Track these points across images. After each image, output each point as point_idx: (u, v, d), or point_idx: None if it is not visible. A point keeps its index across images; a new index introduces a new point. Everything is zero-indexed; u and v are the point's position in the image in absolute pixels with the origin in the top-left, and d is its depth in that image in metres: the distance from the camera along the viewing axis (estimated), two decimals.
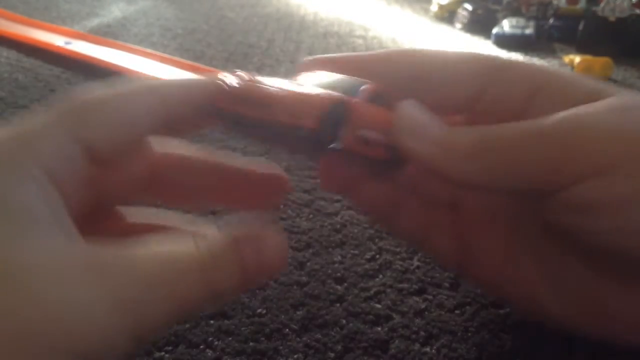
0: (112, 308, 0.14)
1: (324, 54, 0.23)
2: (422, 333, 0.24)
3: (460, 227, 0.23)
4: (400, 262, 0.29)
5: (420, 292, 0.27)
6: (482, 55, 0.21)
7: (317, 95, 0.17)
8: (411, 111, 0.19)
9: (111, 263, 0.14)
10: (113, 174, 0.18)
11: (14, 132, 0.16)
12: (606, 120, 0.17)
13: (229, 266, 0.17)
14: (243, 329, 0.24)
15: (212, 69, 0.57)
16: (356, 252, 0.30)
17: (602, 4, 0.70)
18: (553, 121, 0.17)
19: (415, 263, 0.29)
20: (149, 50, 0.62)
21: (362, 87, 0.19)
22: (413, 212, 0.23)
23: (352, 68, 0.22)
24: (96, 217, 0.19)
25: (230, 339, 0.24)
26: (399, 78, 0.21)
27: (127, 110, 0.17)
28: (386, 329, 0.24)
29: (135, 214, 0.22)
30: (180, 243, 0.16)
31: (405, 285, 0.27)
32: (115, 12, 0.88)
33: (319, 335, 0.24)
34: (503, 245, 0.22)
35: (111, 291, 0.14)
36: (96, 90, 0.17)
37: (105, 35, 0.71)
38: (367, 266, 0.29)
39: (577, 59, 0.63)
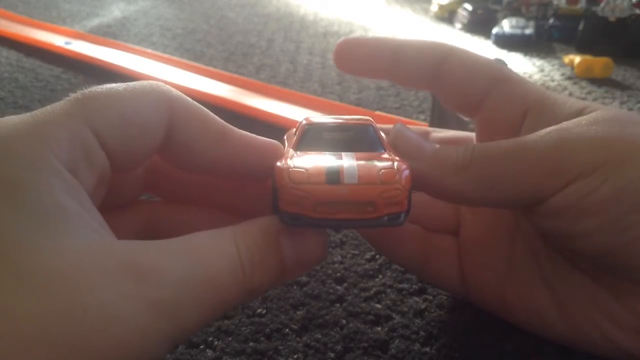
0: (152, 312, 0.13)
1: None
2: (422, 333, 0.24)
3: (461, 250, 0.24)
4: None
5: (420, 292, 0.27)
6: (492, 62, 0.22)
7: (402, 178, 0.17)
8: (403, 132, 0.20)
9: (147, 264, 0.14)
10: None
11: (30, 123, 0.15)
12: (584, 131, 0.18)
13: (268, 262, 0.16)
14: (243, 329, 0.24)
15: (212, 69, 0.57)
16: (356, 252, 0.30)
17: (602, 4, 0.70)
18: (535, 137, 0.19)
19: None
20: (149, 50, 0.62)
21: (377, 134, 0.20)
22: (414, 239, 0.24)
23: (383, 54, 0.23)
24: (114, 212, 0.19)
25: (230, 339, 0.24)
26: (421, 71, 0.22)
27: (143, 110, 0.17)
28: (386, 329, 0.24)
29: (161, 210, 0.21)
30: (218, 241, 0.16)
31: (405, 285, 0.27)
32: (115, 12, 0.88)
33: (319, 335, 0.24)
34: (505, 264, 0.23)
35: (149, 294, 0.13)
36: (108, 85, 0.17)
37: (105, 35, 0.71)
38: (367, 266, 0.29)
39: (577, 59, 0.63)
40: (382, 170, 0.17)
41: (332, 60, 0.23)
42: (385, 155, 0.18)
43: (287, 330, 0.24)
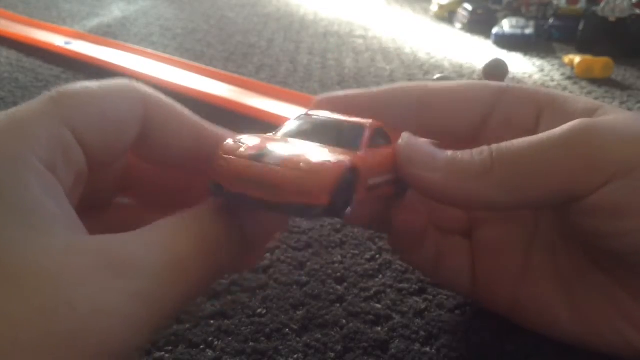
0: (135, 303, 0.14)
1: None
2: (422, 333, 0.24)
3: (474, 252, 0.24)
4: (400, 262, 0.29)
5: (420, 292, 0.27)
6: (485, 82, 0.22)
7: (324, 169, 0.15)
8: (413, 142, 0.19)
9: (124, 257, 0.14)
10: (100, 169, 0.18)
11: (6, 122, 0.15)
12: (618, 126, 0.17)
13: (233, 238, 0.17)
14: (243, 329, 0.24)
15: (212, 69, 0.57)
16: (356, 252, 0.30)
17: (602, 4, 0.70)
18: (561, 132, 0.18)
19: None
20: (149, 50, 0.62)
21: (363, 133, 0.18)
22: (434, 241, 0.23)
23: (361, 105, 0.22)
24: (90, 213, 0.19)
25: (230, 339, 0.24)
26: (405, 112, 0.22)
27: (118, 106, 0.17)
28: (386, 329, 0.24)
29: (136, 212, 0.21)
30: (187, 223, 0.16)
31: (405, 285, 0.27)
32: (115, 12, 0.88)
33: (319, 335, 0.24)
34: (520, 265, 0.22)
35: (129, 286, 0.14)
36: (82, 83, 0.17)
37: (105, 35, 0.71)
38: (367, 266, 0.29)
39: (577, 59, 0.63)
40: (314, 160, 0.16)
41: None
42: (353, 152, 0.17)
43: (287, 330, 0.24)
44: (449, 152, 0.19)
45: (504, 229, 0.23)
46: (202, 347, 0.23)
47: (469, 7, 0.86)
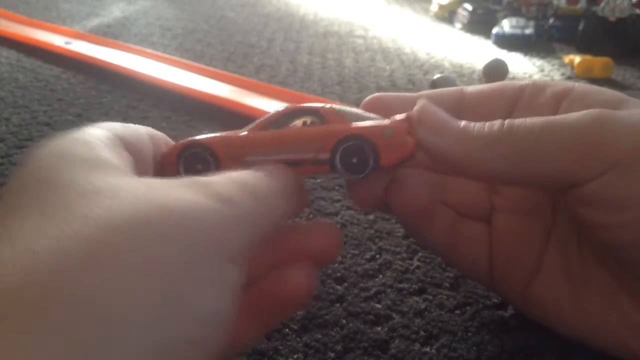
0: (225, 209, 0.15)
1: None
2: (422, 333, 0.24)
3: (492, 239, 0.23)
4: (400, 262, 0.29)
5: (420, 292, 0.27)
6: (511, 81, 0.22)
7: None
8: (428, 107, 0.20)
9: (195, 181, 0.15)
10: None
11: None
12: (629, 117, 0.17)
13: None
14: None
15: (212, 69, 0.57)
16: (356, 252, 0.30)
17: (602, 4, 0.70)
18: (574, 116, 0.18)
19: (415, 263, 0.29)
20: (149, 50, 0.62)
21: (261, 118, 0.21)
22: (446, 222, 0.23)
23: (402, 108, 0.22)
24: None
25: None
26: (452, 107, 0.22)
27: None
28: (386, 329, 0.24)
29: None
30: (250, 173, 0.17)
31: (405, 285, 0.27)
32: (115, 12, 0.88)
33: (319, 335, 0.24)
34: (536, 257, 0.22)
35: (215, 194, 0.15)
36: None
37: (105, 35, 0.71)
38: (367, 266, 0.29)
39: (577, 59, 0.63)
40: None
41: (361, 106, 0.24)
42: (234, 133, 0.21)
43: (287, 330, 0.24)
44: (463, 122, 0.20)
45: (523, 221, 0.23)
46: None
47: (469, 7, 0.86)
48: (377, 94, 0.24)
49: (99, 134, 0.17)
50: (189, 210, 0.14)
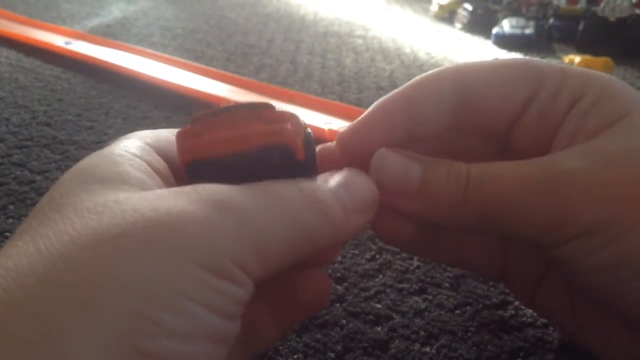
0: (223, 216, 0.13)
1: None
2: (422, 333, 0.24)
3: (500, 247, 0.23)
4: (400, 262, 0.29)
5: (420, 292, 0.27)
6: (527, 63, 0.19)
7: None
8: (387, 160, 0.19)
9: (199, 187, 0.14)
10: None
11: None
12: (597, 178, 0.16)
13: (331, 201, 0.16)
14: None
15: (212, 69, 0.57)
16: (356, 252, 0.30)
17: (602, 4, 0.70)
18: (540, 176, 0.17)
19: (415, 263, 0.29)
20: (149, 50, 0.62)
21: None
22: (447, 239, 0.23)
23: (395, 112, 0.20)
24: None
25: None
26: (445, 101, 0.19)
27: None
28: (386, 329, 0.24)
29: None
30: (284, 185, 0.16)
31: (405, 285, 0.27)
32: (115, 12, 0.88)
33: (319, 335, 0.24)
34: (540, 266, 0.22)
35: (214, 203, 0.14)
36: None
37: (105, 35, 0.71)
38: (367, 266, 0.29)
39: (577, 59, 0.63)
40: None
41: (339, 151, 0.20)
42: None
43: None
44: (420, 174, 0.18)
45: None
46: None
47: (469, 7, 0.86)
48: (346, 133, 0.20)
49: (129, 145, 0.17)
50: (173, 221, 0.13)
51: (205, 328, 0.13)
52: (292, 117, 0.16)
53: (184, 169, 0.16)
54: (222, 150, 0.16)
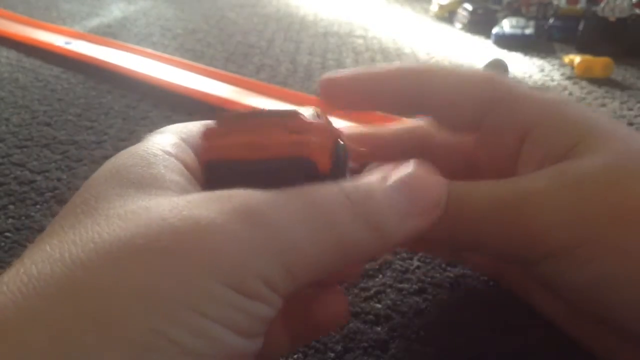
0: (254, 230, 0.13)
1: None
2: (422, 333, 0.24)
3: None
4: (400, 262, 0.29)
5: (420, 292, 0.27)
6: (489, 79, 0.20)
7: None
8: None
9: (228, 194, 0.14)
10: None
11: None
12: (566, 200, 0.16)
13: (385, 209, 0.15)
14: None
15: (212, 69, 0.57)
16: None
17: (602, 4, 0.70)
18: (513, 197, 0.17)
19: (415, 263, 0.29)
20: (149, 50, 0.62)
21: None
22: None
23: (365, 85, 0.21)
24: None
25: None
26: (409, 94, 0.21)
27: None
28: (386, 329, 0.24)
29: None
30: (324, 188, 0.15)
31: (405, 285, 0.27)
32: (115, 12, 0.88)
33: None
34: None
35: (246, 214, 0.13)
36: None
37: (105, 35, 0.71)
38: (367, 266, 0.29)
39: (577, 59, 0.63)
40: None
41: (318, 95, 0.22)
42: None
43: None
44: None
45: None
46: None
47: (469, 7, 0.86)
48: (329, 76, 0.22)
49: (163, 143, 0.16)
50: (200, 234, 0.12)
51: (225, 349, 0.12)
52: (320, 129, 0.16)
53: (202, 167, 0.16)
54: (243, 154, 0.15)
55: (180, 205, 0.13)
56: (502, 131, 0.20)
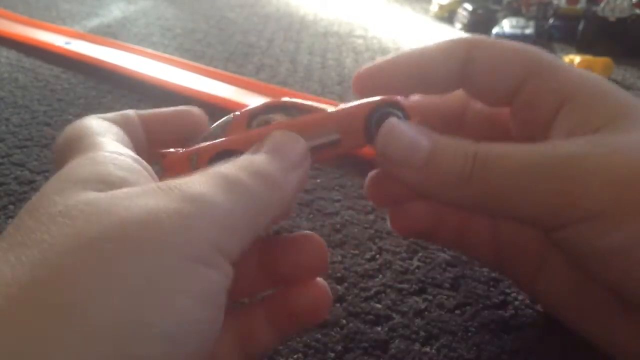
0: (192, 206, 0.14)
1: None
2: (422, 333, 0.24)
3: (498, 236, 0.24)
4: (400, 262, 0.29)
5: (420, 292, 0.27)
6: (529, 49, 0.21)
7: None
8: (392, 132, 0.19)
9: (165, 184, 0.15)
10: None
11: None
12: (604, 163, 0.17)
13: (269, 167, 0.17)
14: None
15: (212, 69, 0.57)
16: (356, 252, 0.30)
17: (602, 4, 0.70)
18: (551, 157, 0.17)
19: (415, 263, 0.29)
20: (149, 50, 0.62)
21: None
22: (452, 224, 0.24)
23: (410, 66, 0.21)
24: None
25: None
26: (454, 65, 0.21)
27: None
28: (386, 329, 0.24)
29: None
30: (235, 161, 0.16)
31: (405, 285, 0.27)
32: (115, 12, 0.88)
33: (319, 335, 0.24)
34: (537, 254, 0.22)
35: (171, 196, 0.14)
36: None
37: (105, 35, 0.71)
38: (367, 266, 0.29)
39: (577, 59, 0.63)
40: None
41: (353, 90, 0.22)
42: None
43: None
44: (429, 147, 0.18)
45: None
46: None
47: (469, 7, 0.86)
48: (366, 69, 0.22)
49: (116, 142, 0.17)
50: (147, 218, 0.13)
51: (195, 322, 0.13)
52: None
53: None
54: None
55: (121, 196, 0.14)
56: (540, 100, 0.20)
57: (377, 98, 0.20)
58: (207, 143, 0.20)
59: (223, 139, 0.20)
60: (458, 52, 0.20)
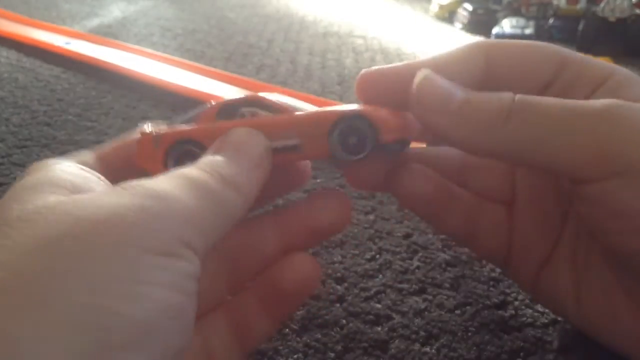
0: (155, 202, 0.14)
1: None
2: (422, 333, 0.24)
3: (510, 224, 0.23)
4: (400, 262, 0.29)
5: (420, 292, 0.27)
6: (553, 46, 0.20)
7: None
8: (428, 80, 0.18)
9: (129, 184, 0.15)
10: None
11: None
12: None
13: (227, 169, 0.17)
14: None
15: (212, 69, 0.57)
16: (356, 252, 0.30)
17: (602, 4, 0.70)
18: (592, 106, 0.17)
19: (415, 263, 0.29)
20: (149, 50, 0.62)
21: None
22: (463, 210, 0.23)
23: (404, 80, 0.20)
24: None
25: None
26: (475, 70, 0.20)
27: None
28: (386, 329, 0.24)
29: None
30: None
31: (405, 285, 0.27)
32: (115, 12, 0.88)
33: (319, 335, 0.24)
34: (548, 247, 0.22)
35: (134, 194, 0.14)
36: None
37: (105, 35, 0.71)
38: (367, 266, 0.29)
39: None
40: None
41: (355, 93, 0.22)
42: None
43: (287, 330, 0.24)
44: (464, 94, 0.18)
45: (544, 207, 0.22)
46: None
47: (469, 7, 0.86)
48: (368, 71, 0.21)
49: (70, 157, 0.18)
50: (109, 215, 0.13)
51: (165, 309, 0.13)
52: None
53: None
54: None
55: (82, 199, 0.14)
56: (574, 88, 0.20)
57: (346, 108, 0.19)
58: (172, 129, 0.20)
59: (188, 127, 0.20)
60: (478, 57, 0.20)
